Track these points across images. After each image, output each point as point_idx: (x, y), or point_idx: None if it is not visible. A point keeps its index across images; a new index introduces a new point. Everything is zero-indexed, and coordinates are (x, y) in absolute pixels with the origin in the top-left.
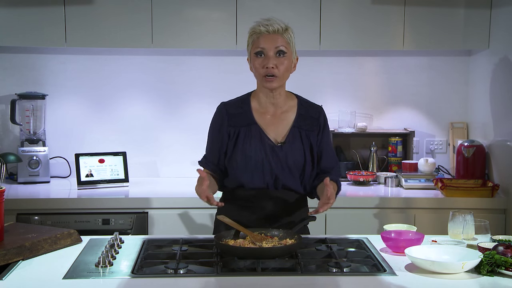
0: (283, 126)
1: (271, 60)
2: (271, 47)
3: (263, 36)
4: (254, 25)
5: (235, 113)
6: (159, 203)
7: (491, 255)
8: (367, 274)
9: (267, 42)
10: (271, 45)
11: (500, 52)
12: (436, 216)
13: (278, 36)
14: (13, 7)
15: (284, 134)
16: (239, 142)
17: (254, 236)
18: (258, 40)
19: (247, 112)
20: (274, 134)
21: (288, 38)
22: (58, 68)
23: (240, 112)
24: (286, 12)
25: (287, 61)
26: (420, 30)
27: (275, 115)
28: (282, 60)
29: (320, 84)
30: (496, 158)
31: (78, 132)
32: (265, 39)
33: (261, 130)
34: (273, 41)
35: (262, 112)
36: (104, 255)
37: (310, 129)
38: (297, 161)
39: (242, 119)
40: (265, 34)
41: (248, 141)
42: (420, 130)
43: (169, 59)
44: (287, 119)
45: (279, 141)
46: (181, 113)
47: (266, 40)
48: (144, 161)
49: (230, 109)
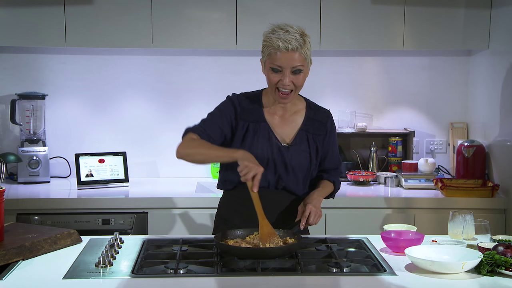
0: (291, 128)
1: (287, 77)
2: (288, 66)
3: (281, 53)
4: (270, 35)
5: (246, 108)
6: (159, 203)
7: (491, 255)
8: (367, 274)
9: (284, 60)
10: (288, 64)
11: (500, 52)
12: (436, 216)
13: (296, 54)
14: (13, 7)
15: (291, 136)
16: (248, 137)
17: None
18: (275, 56)
19: (258, 108)
20: (281, 135)
21: (305, 53)
22: (58, 68)
23: (251, 107)
24: (286, 12)
25: (302, 75)
26: (420, 30)
27: (284, 117)
28: (298, 76)
29: (320, 84)
30: (496, 158)
31: (78, 132)
32: (282, 56)
33: (269, 129)
34: (291, 60)
35: (271, 112)
36: (104, 255)
37: (318, 133)
38: (302, 163)
39: (252, 114)
40: (283, 52)
41: (256, 138)
42: (420, 130)
43: (169, 59)
44: (296, 121)
45: (287, 142)
46: (181, 113)
47: (284, 59)
48: (144, 161)
49: (243, 102)
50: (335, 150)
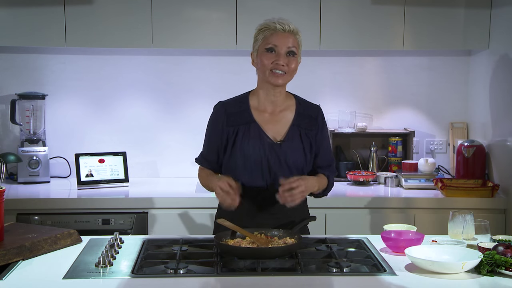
0: (282, 124)
1: (282, 58)
2: (283, 46)
3: (277, 34)
4: (267, 22)
5: (233, 112)
6: (159, 203)
7: (491, 255)
8: (367, 274)
9: (280, 40)
10: (284, 44)
11: (500, 52)
12: (436, 216)
13: (291, 36)
14: (13, 7)
15: (283, 132)
16: (238, 141)
17: (258, 239)
18: (271, 36)
19: (245, 110)
20: (273, 133)
21: (299, 40)
22: (58, 68)
23: (239, 110)
24: (286, 12)
25: (295, 62)
26: (420, 30)
27: (274, 113)
28: (292, 60)
29: (320, 84)
30: (496, 158)
31: (78, 132)
32: (279, 36)
33: (260, 129)
34: (286, 40)
35: (261, 111)
36: (104, 255)
37: (309, 128)
38: (297, 159)
39: (240, 117)
40: (280, 32)
41: (247, 139)
42: (420, 130)
43: (169, 59)
44: (286, 117)
45: (278, 139)
46: (181, 113)
47: (280, 38)
48: (144, 161)
49: (229, 108)
50: (328, 147)
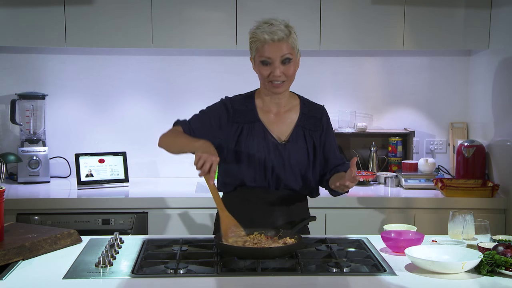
0: (287, 125)
1: (278, 68)
2: (277, 57)
3: (268, 45)
4: (256, 30)
5: (239, 109)
6: (159, 203)
7: (491, 255)
8: (367, 274)
9: (272, 51)
10: (277, 55)
11: (500, 52)
12: (436, 216)
13: (283, 44)
14: (13, 7)
15: (287, 133)
16: (242, 139)
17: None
18: (263, 49)
19: (251, 109)
20: (277, 133)
21: (292, 42)
22: (58, 68)
23: (244, 109)
24: (286, 12)
25: (293, 65)
26: (420, 30)
27: (279, 114)
28: (288, 66)
29: (320, 84)
30: (496, 158)
31: (78, 132)
32: (270, 48)
33: (264, 128)
34: (279, 50)
35: (266, 111)
36: (104, 255)
37: (314, 129)
38: (300, 160)
39: (246, 116)
40: (270, 43)
41: (251, 138)
42: (420, 130)
43: (169, 59)
44: (291, 118)
45: (283, 139)
46: (181, 113)
47: (271, 50)
48: (144, 161)
49: (235, 104)
50: (336, 146)
